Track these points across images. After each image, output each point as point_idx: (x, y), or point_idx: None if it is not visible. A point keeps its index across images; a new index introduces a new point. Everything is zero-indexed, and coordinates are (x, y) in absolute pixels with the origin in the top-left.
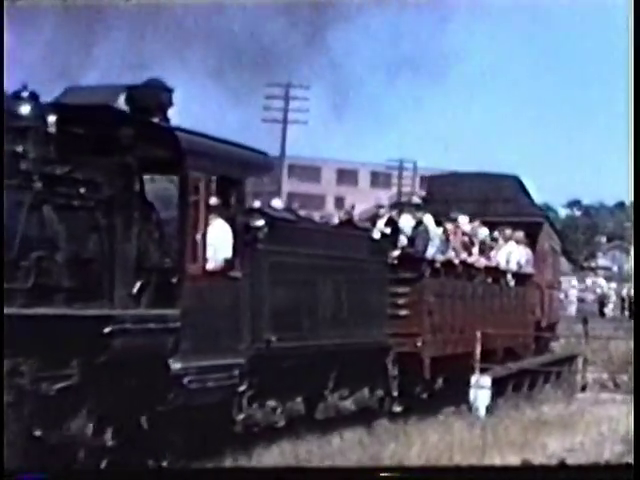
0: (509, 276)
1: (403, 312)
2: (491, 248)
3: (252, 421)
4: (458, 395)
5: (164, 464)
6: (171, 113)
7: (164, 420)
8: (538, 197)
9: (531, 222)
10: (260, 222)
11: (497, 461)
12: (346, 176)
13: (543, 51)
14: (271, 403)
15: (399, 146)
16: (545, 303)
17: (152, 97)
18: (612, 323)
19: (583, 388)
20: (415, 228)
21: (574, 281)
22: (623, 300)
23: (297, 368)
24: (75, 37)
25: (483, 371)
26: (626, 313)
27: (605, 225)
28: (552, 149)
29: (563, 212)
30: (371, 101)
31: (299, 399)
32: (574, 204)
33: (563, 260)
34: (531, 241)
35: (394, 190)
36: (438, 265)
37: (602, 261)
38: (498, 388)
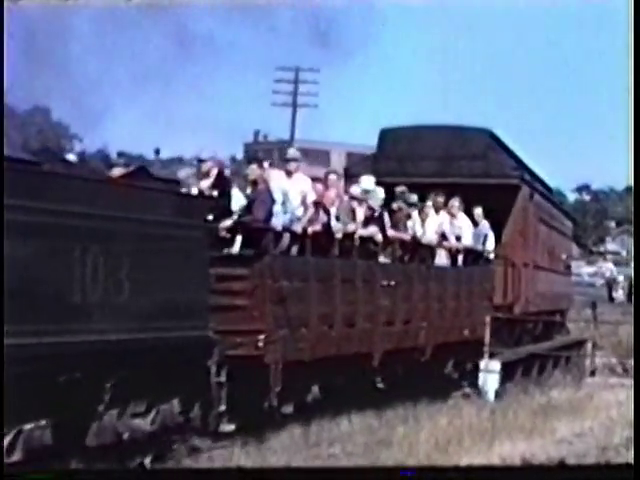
0: (442, 253)
1: (239, 301)
2: (408, 216)
3: None
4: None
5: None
6: None
7: None
8: (549, 182)
9: (503, 184)
10: None
11: (506, 446)
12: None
13: (549, 35)
14: None
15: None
16: (521, 285)
17: None
18: (621, 308)
19: (592, 373)
20: (253, 189)
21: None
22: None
23: (41, 376)
24: None
25: (492, 355)
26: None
27: (614, 210)
28: (561, 133)
29: (572, 197)
30: None
31: (44, 422)
32: (583, 189)
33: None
34: (504, 207)
35: None
36: (299, 238)
37: (611, 246)
38: (507, 373)
